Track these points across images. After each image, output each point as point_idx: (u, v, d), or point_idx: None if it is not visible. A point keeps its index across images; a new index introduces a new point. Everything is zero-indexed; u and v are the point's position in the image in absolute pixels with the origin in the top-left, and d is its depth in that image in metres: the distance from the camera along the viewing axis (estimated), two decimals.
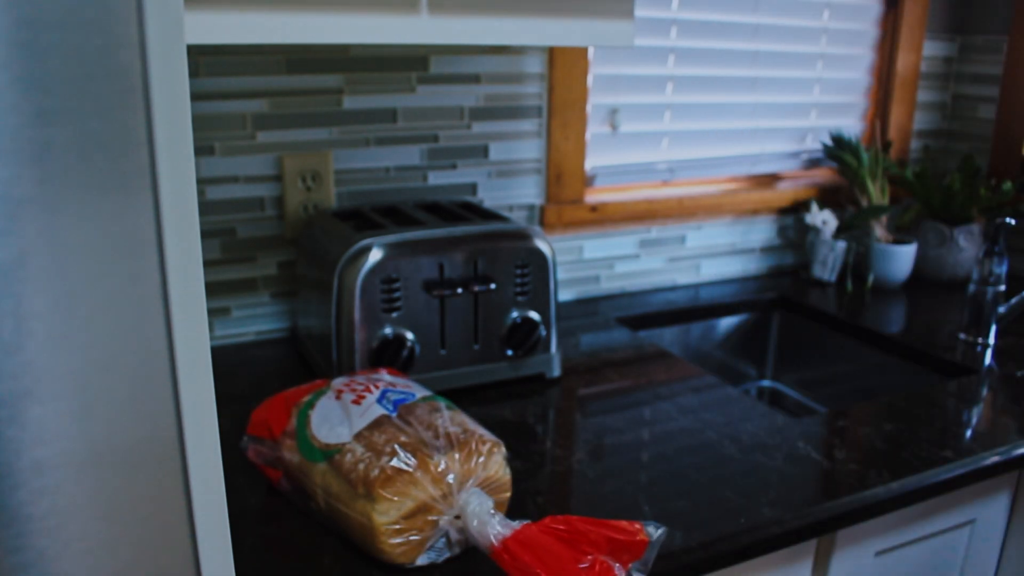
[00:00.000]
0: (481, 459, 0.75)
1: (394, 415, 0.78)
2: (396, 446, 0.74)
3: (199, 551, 0.45)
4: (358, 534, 0.73)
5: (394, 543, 0.71)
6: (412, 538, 0.72)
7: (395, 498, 0.71)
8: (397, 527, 0.71)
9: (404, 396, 0.81)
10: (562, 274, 1.49)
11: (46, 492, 0.40)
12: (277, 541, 0.78)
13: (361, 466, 0.73)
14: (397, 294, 1.01)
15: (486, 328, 1.08)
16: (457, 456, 0.74)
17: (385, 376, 0.89)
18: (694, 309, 1.52)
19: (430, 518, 0.72)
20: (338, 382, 0.85)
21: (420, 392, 0.84)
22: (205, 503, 0.44)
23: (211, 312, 1.23)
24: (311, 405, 0.82)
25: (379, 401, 0.80)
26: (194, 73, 1.15)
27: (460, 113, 1.33)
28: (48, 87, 0.36)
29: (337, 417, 0.79)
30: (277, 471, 0.82)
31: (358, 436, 0.76)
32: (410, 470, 0.72)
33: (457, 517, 0.72)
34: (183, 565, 0.45)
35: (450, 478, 0.72)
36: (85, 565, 0.42)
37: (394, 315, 1.01)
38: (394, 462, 0.72)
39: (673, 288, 1.61)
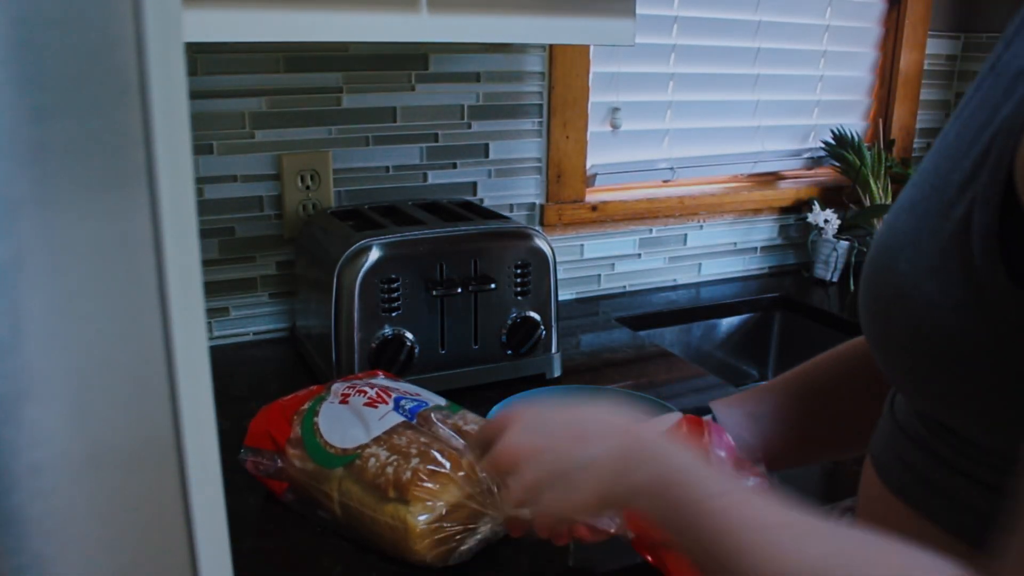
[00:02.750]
0: None
1: (413, 420, 0.78)
2: (423, 447, 0.73)
3: (197, 553, 0.45)
4: (388, 538, 0.72)
5: (430, 544, 0.70)
6: (448, 538, 0.71)
7: (430, 499, 0.70)
8: (434, 527, 0.70)
9: (418, 403, 0.81)
10: (562, 273, 1.48)
11: (43, 494, 0.40)
12: (277, 545, 0.78)
13: (389, 469, 0.72)
14: (396, 294, 1.01)
15: (486, 328, 1.07)
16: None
17: (383, 379, 0.88)
18: (695, 309, 1.51)
19: (469, 515, 0.71)
20: (338, 387, 0.84)
21: (433, 400, 0.83)
22: (204, 505, 0.44)
23: (209, 312, 1.22)
24: (314, 412, 0.80)
25: (395, 409, 0.79)
26: (192, 71, 1.14)
27: (460, 112, 1.33)
28: (45, 85, 0.36)
29: (349, 421, 0.78)
30: (281, 483, 0.80)
31: (377, 440, 0.75)
32: (444, 470, 0.71)
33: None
34: (181, 567, 0.45)
35: (484, 474, 0.71)
36: (83, 567, 0.42)
37: (394, 315, 1.01)
38: (425, 463, 0.72)
39: (674, 288, 1.60)
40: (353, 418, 0.79)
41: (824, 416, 0.73)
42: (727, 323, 1.55)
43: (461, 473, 0.72)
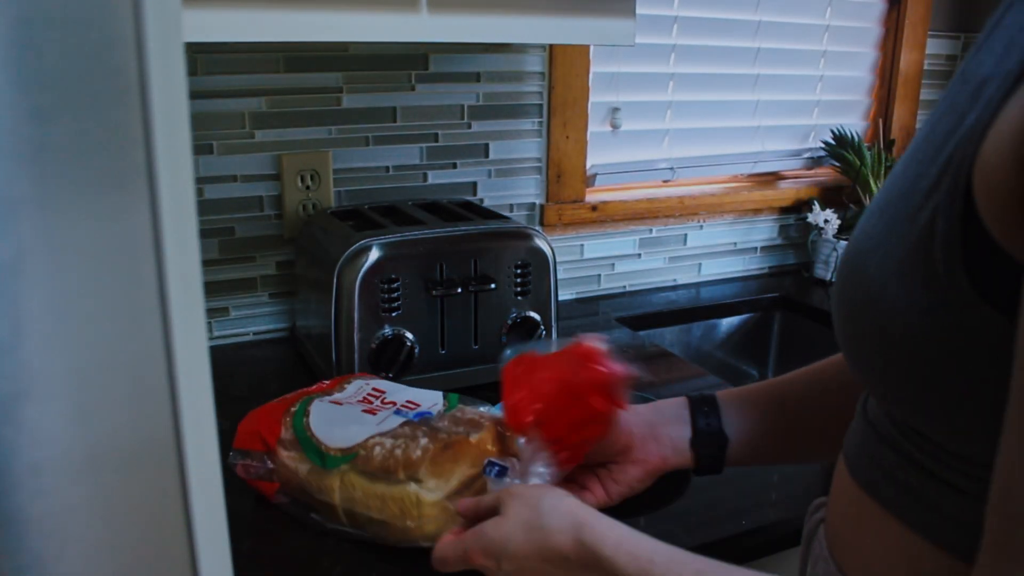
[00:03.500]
0: (508, 435, 0.75)
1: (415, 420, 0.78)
2: (428, 431, 0.74)
3: (197, 554, 0.45)
4: (398, 521, 0.72)
5: (443, 520, 0.70)
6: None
7: (442, 475, 0.70)
8: (446, 503, 0.70)
9: (422, 413, 0.81)
10: (562, 273, 1.48)
11: (43, 494, 0.40)
12: (276, 546, 0.78)
13: (398, 452, 0.72)
14: (396, 294, 1.01)
15: (486, 328, 1.07)
16: (489, 435, 0.74)
17: (374, 383, 0.88)
18: (695, 309, 1.51)
19: (478, 492, 0.71)
20: (329, 397, 0.84)
21: (435, 406, 0.83)
22: (203, 505, 0.44)
23: (209, 312, 1.22)
24: (304, 412, 0.80)
25: (396, 414, 0.79)
26: (192, 71, 1.14)
27: (460, 112, 1.33)
28: (45, 85, 0.36)
29: (348, 420, 0.78)
30: (272, 484, 0.80)
31: (381, 432, 0.76)
32: (452, 448, 0.72)
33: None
34: (181, 567, 0.45)
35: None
36: (83, 567, 0.42)
37: (394, 315, 1.01)
38: (434, 443, 0.72)
39: (674, 288, 1.60)
40: (349, 418, 0.78)
41: (799, 429, 0.74)
42: (727, 323, 1.55)
43: (469, 449, 0.72)
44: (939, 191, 0.44)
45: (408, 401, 0.83)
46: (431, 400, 0.84)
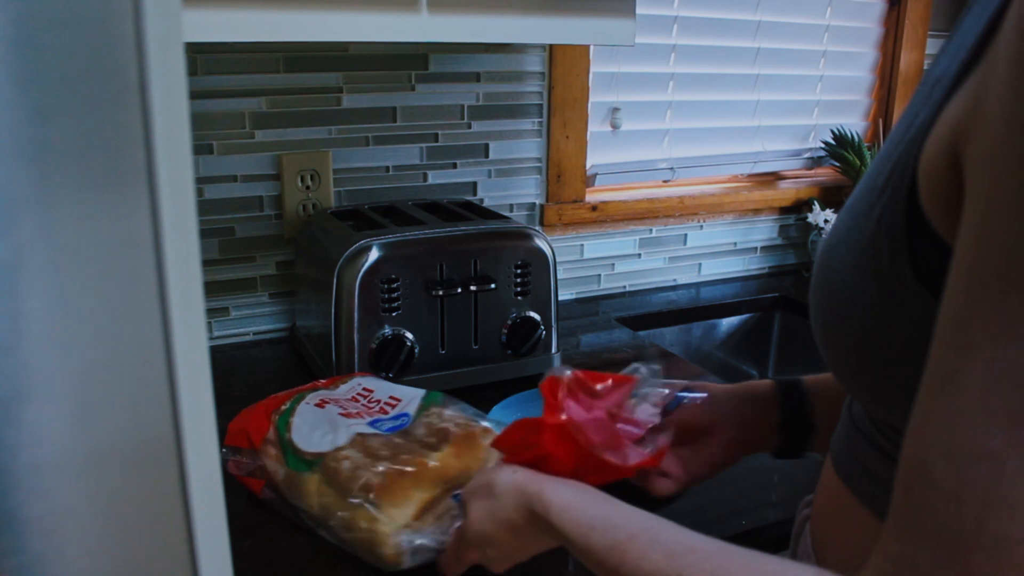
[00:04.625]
0: (485, 443, 0.75)
1: (389, 433, 0.78)
2: (395, 449, 0.73)
3: (197, 553, 0.45)
4: (363, 543, 0.71)
5: (402, 548, 0.70)
6: (417, 541, 0.70)
7: (399, 506, 0.70)
8: (403, 530, 0.70)
9: (399, 422, 0.80)
10: (562, 273, 1.48)
11: (43, 494, 0.40)
12: (276, 545, 0.78)
13: (361, 472, 0.71)
14: (396, 294, 1.01)
15: (486, 328, 1.07)
16: (454, 449, 0.74)
17: (368, 381, 0.88)
18: (695, 309, 1.51)
19: (438, 516, 0.71)
20: (318, 395, 0.84)
21: (412, 408, 0.82)
22: (203, 504, 0.44)
23: (209, 312, 1.22)
24: (291, 412, 0.80)
25: (372, 424, 0.79)
26: (192, 71, 1.14)
27: (460, 112, 1.33)
28: (45, 85, 0.36)
29: (325, 426, 0.78)
30: (259, 480, 0.80)
31: (352, 443, 0.75)
32: (411, 471, 0.71)
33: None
34: (182, 567, 0.45)
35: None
36: (83, 567, 0.42)
37: (394, 315, 1.01)
38: (393, 466, 0.71)
39: (674, 288, 1.60)
40: (328, 425, 0.78)
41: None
42: (727, 323, 1.55)
43: (429, 472, 0.72)
44: (888, 187, 0.46)
45: (392, 397, 0.83)
46: (410, 396, 0.84)
